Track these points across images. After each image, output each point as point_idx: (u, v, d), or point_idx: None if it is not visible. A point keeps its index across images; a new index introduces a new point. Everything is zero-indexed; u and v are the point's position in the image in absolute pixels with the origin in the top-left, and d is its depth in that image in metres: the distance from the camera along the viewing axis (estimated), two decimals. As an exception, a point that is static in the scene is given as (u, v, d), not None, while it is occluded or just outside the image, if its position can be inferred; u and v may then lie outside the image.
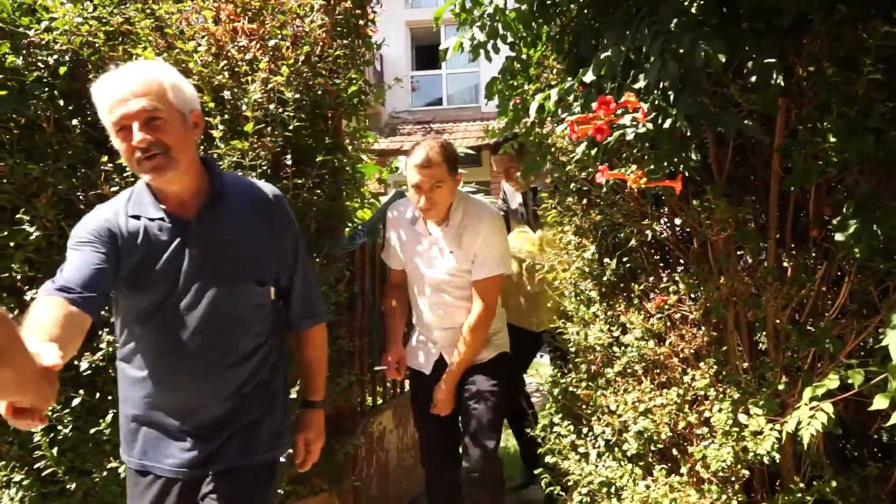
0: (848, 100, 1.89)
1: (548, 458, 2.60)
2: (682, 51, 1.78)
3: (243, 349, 1.72)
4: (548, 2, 2.43)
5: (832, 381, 1.87)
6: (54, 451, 2.12)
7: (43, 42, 2.38)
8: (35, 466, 2.13)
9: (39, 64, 2.35)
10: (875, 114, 1.86)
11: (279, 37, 2.64)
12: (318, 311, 1.95)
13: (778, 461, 2.08)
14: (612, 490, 2.33)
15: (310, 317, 1.92)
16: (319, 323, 1.95)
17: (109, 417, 2.12)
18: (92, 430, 2.14)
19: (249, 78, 2.52)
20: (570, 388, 2.60)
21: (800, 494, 2.10)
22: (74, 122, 2.46)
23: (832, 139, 1.90)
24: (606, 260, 2.48)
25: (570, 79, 2.13)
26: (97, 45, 2.47)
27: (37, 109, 2.28)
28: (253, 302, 1.72)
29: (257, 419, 1.76)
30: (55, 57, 2.37)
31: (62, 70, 2.35)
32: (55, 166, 2.27)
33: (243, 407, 1.74)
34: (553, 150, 2.62)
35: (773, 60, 1.80)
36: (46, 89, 2.32)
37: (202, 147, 2.51)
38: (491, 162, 3.58)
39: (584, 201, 2.55)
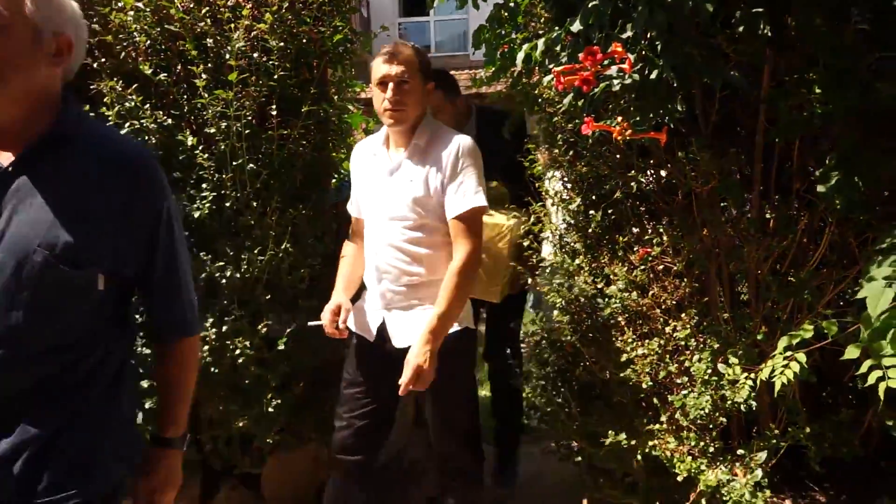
0: (835, 51, 1.88)
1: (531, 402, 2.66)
2: (669, 0, 1.76)
3: (35, 344, 1.27)
4: (536, -53, 2.38)
5: (807, 332, 1.91)
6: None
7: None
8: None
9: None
10: (861, 66, 1.85)
11: (262, -18, 2.58)
12: (184, 321, 1.48)
13: (755, 409, 2.14)
14: (594, 438, 2.39)
15: (171, 328, 1.48)
16: (184, 337, 1.49)
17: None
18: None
19: (232, 25, 2.47)
20: (554, 339, 2.64)
21: (774, 441, 2.16)
22: (53, 70, 2.41)
23: (818, 91, 1.90)
24: (592, 212, 2.49)
25: (557, 28, 2.10)
26: (75, -10, 2.41)
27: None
28: (59, 285, 1.26)
29: (35, 440, 1.25)
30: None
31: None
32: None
33: (17, 420, 1.26)
34: (540, 100, 2.60)
35: (760, 10, 1.78)
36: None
37: (185, 96, 2.48)
38: None
39: (571, 153, 2.54)
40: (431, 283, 2.19)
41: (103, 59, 2.44)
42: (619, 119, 1.92)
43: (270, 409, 2.51)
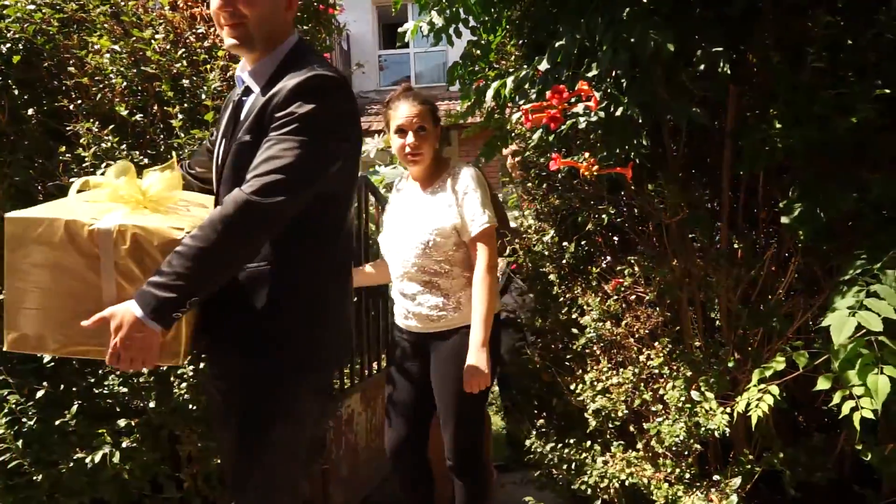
0: (793, 88, 1.95)
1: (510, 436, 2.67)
2: (633, 40, 1.82)
3: None
4: (508, -14, 2.45)
5: (778, 364, 1.94)
6: (19, 443, 2.12)
7: (-5, 30, 2.34)
8: (0, 459, 2.13)
9: (-8, 53, 2.31)
10: (819, 101, 1.92)
11: (238, 23, 2.62)
12: None
13: (730, 435, 2.16)
14: (572, 466, 2.40)
15: None
16: None
17: (74, 408, 2.13)
18: (57, 422, 2.15)
19: (208, 66, 2.50)
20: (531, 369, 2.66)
21: (750, 466, 2.19)
22: (30, 111, 2.43)
23: (779, 125, 1.96)
24: (565, 243, 2.53)
25: (526, 66, 2.16)
26: (51, 33, 2.44)
27: (-10, 100, 2.24)
28: None
29: None
30: (8, 45, 2.33)
31: (16, 59, 2.32)
32: (12, 157, 2.24)
33: None
34: (513, 135, 2.66)
35: (720, 49, 1.84)
36: (0, 79, 2.29)
37: (161, 136, 2.50)
38: None
39: (544, 186, 2.59)
40: None
41: (79, 101, 2.46)
42: (587, 155, 1.97)
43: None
